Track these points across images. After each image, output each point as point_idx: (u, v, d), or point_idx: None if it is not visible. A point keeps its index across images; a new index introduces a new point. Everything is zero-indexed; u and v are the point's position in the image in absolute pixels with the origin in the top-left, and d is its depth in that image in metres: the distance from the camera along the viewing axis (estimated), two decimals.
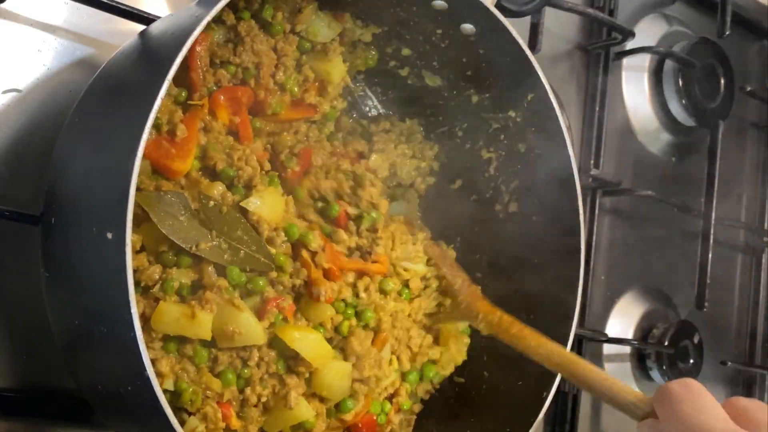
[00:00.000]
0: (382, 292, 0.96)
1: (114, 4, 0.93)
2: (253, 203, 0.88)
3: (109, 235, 0.68)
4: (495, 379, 0.99)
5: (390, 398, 0.99)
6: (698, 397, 0.72)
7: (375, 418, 0.97)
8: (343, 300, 0.93)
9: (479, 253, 1.07)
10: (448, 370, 1.03)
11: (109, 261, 0.68)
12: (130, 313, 0.67)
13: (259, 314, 0.87)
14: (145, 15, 0.94)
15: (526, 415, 0.92)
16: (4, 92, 0.90)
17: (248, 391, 0.86)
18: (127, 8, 0.93)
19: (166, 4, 1.00)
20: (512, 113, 1.00)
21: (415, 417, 1.02)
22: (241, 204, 0.87)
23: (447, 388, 1.03)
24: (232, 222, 0.86)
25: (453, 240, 1.07)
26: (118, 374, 0.74)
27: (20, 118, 0.91)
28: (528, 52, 0.92)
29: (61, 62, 0.93)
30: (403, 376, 0.99)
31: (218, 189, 0.86)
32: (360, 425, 0.95)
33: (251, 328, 0.84)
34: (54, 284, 0.79)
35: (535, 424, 0.91)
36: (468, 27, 0.95)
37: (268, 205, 0.89)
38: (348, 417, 0.93)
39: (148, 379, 0.69)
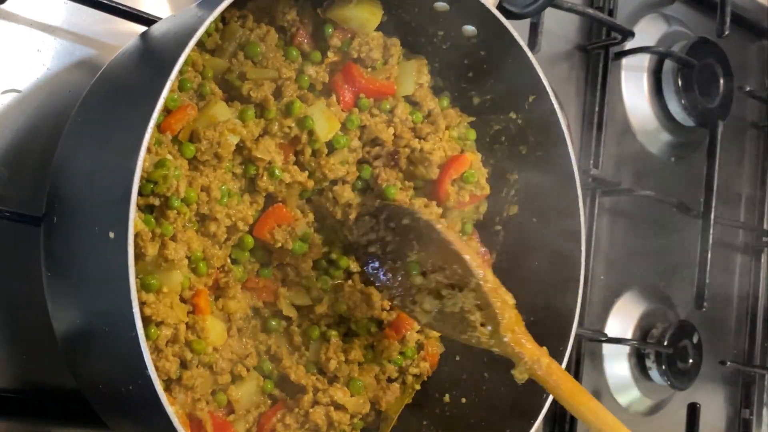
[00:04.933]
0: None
1: (114, 4, 0.93)
2: None
3: (111, 234, 0.68)
4: (495, 380, 0.99)
5: None
6: None
7: None
8: None
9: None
10: None
11: (111, 260, 0.68)
12: (131, 312, 0.68)
13: None
14: (145, 16, 0.94)
15: (526, 416, 0.92)
16: (4, 92, 0.90)
17: None
18: (127, 9, 0.93)
19: (166, 5, 1.00)
20: (513, 115, 1.00)
21: None
22: None
23: (446, 390, 1.03)
24: None
25: None
26: (119, 373, 0.75)
27: (20, 119, 0.91)
28: (529, 53, 0.92)
29: (61, 63, 0.93)
30: None
31: None
32: None
33: None
34: (56, 283, 0.79)
35: (535, 425, 0.91)
36: (469, 29, 0.95)
37: None
38: None
39: (149, 378, 0.69)
